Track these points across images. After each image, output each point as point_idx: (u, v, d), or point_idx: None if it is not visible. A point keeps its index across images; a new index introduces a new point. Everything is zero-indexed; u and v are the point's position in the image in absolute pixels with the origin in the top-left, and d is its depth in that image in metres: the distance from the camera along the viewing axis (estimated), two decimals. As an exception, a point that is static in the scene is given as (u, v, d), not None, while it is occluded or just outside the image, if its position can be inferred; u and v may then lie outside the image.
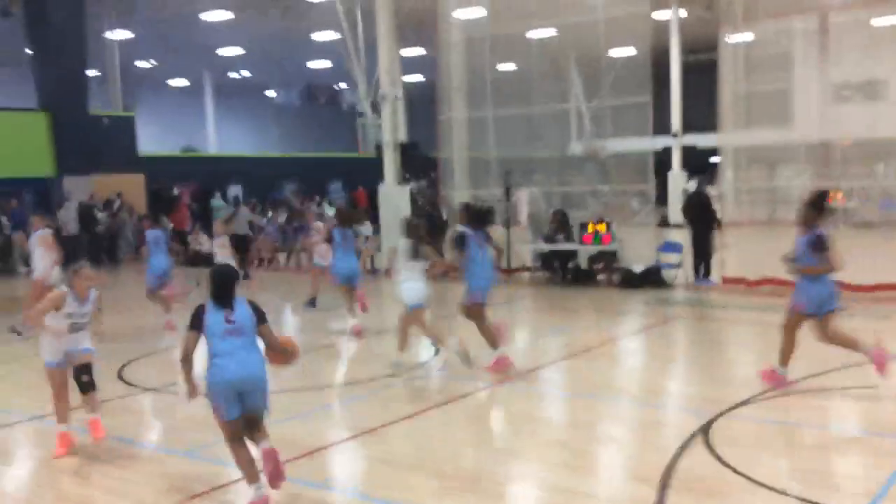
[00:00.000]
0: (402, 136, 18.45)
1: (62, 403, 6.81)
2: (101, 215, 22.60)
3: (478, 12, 17.58)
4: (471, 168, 17.08)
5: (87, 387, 6.79)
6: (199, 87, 40.34)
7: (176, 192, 28.75)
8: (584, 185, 18.35)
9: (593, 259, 15.43)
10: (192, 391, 5.62)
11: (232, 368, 5.34)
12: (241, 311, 5.49)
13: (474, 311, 9.16)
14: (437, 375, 9.17)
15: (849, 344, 7.60)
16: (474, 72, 16.79)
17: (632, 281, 14.74)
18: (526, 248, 16.43)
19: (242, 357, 5.39)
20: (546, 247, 15.73)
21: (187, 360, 5.58)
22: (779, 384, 7.75)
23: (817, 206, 7.53)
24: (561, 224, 15.62)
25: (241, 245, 17.12)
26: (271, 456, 5.33)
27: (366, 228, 18.91)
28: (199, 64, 37.78)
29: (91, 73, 25.52)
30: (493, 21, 17.41)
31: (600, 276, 15.40)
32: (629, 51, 18.98)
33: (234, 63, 37.85)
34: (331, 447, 6.80)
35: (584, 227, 15.31)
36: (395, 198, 17.86)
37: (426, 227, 10.46)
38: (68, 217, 21.77)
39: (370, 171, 26.65)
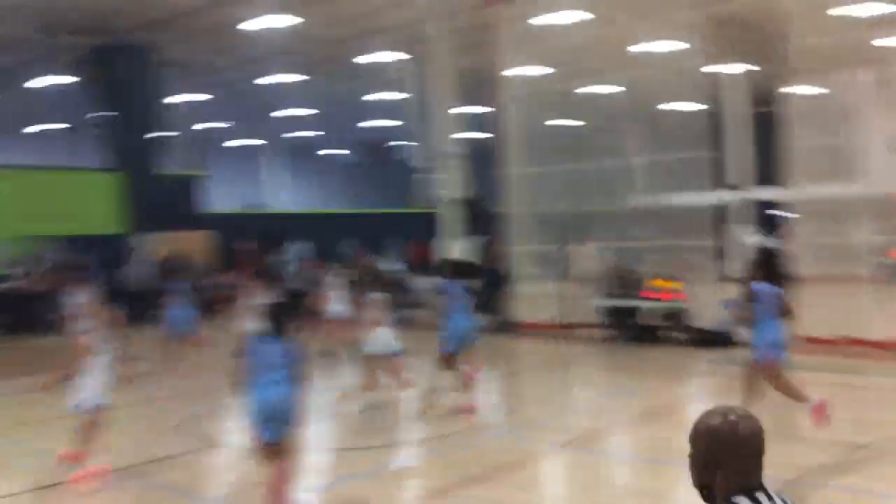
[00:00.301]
0: (462, 191, 18.57)
1: None
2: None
3: (535, 70, 17.79)
4: (530, 223, 17.09)
5: None
6: (262, 146, 41.43)
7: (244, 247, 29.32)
8: (643, 240, 18.18)
9: (666, 316, 15.05)
10: None
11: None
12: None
13: (446, 359, 9.69)
14: (494, 436, 9.04)
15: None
16: (532, 127, 16.92)
17: (701, 339, 14.31)
18: (587, 304, 16.26)
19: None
20: (609, 302, 15.50)
21: None
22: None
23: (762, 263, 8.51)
24: (623, 279, 15.42)
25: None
26: None
27: (424, 282, 19.01)
28: (261, 125, 38.83)
29: (162, 134, 26.37)
30: (550, 78, 17.58)
31: (667, 334, 15.02)
32: (688, 105, 18.94)
33: (292, 124, 38.80)
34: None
35: (645, 282, 15.09)
36: (454, 253, 17.92)
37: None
38: (136, 273, 22.35)
39: (426, 226, 26.92)
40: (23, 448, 9.08)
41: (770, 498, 2.42)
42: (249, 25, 20.28)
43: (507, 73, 17.37)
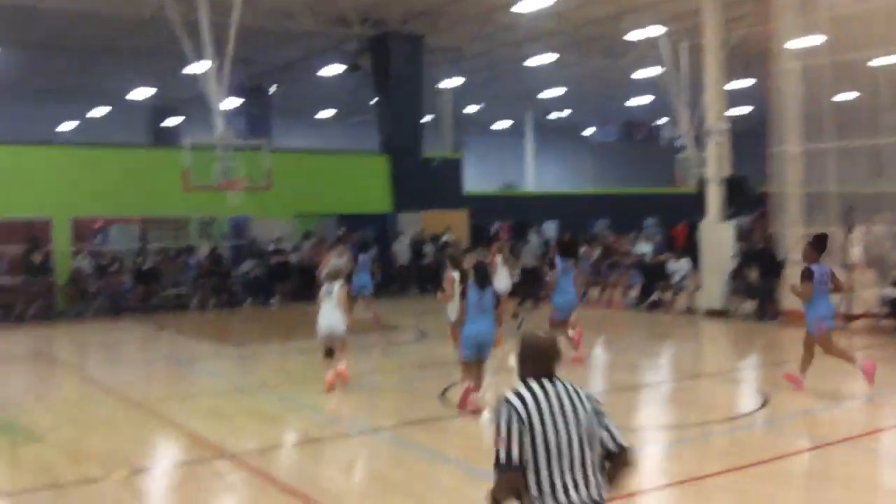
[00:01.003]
0: (727, 170, 17.62)
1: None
2: (428, 248, 24.20)
3: (815, 40, 16.31)
4: (805, 203, 15.75)
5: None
6: (521, 128, 41.97)
7: (495, 228, 30.04)
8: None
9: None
10: None
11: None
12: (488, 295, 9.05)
13: (556, 326, 11.55)
14: (759, 428, 8.48)
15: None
16: (810, 102, 15.49)
17: None
18: (871, 293, 14.75)
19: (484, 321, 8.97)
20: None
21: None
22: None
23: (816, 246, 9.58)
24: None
25: (528, 277, 18.13)
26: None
27: (682, 266, 18.29)
28: (522, 106, 39.37)
29: (426, 118, 27.61)
30: (832, 48, 16.01)
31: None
32: None
33: (554, 104, 38.89)
34: (645, 493, 6.53)
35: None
36: (717, 234, 17.06)
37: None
38: (401, 249, 23.66)
39: (688, 207, 25.80)
40: (292, 403, 9.91)
41: (553, 384, 3.71)
42: (519, 8, 20.55)
43: (782, 43, 16.08)
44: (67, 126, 32.87)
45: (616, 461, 3.70)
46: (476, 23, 25.17)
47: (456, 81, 29.54)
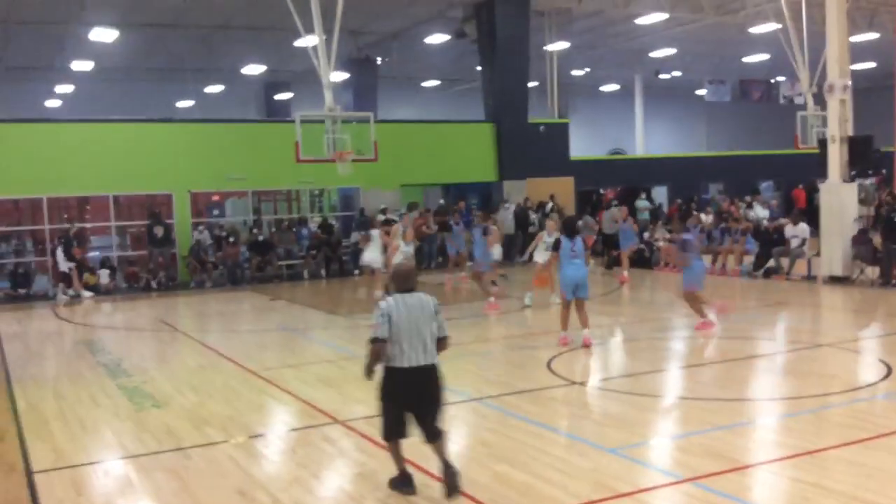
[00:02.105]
0: (849, 129, 16.69)
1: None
2: (533, 216, 24.02)
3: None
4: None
5: None
6: (630, 90, 40.87)
7: (602, 193, 29.54)
8: None
9: None
10: None
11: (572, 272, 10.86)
12: (578, 244, 10.92)
13: (690, 297, 11.98)
14: (881, 400, 8.06)
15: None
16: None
17: None
18: None
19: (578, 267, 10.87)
20: None
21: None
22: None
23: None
24: None
25: (608, 241, 20.57)
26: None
27: (801, 230, 17.51)
28: (630, 68, 38.34)
29: (531, 84, 27.28)
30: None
31: None
32: None
33: (665, 64, 37.69)
34: (762, 465, 6.33)
35: None
36: (840, 196, 16.21)
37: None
38: (506, 217, 23.57)
39: (808, 169, 24.60)
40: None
41: (411, 295, 5.83)
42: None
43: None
44: (186, 103, 34.16)
45: (440, 342, 5.95)
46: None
47: (562, 45, 29.02)
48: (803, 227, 17.59)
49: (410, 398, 5.82)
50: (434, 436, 5.87)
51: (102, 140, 21.19)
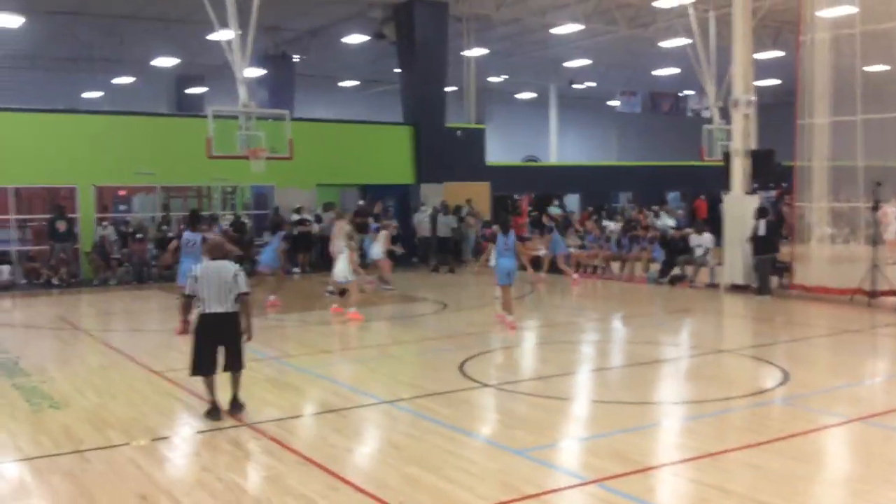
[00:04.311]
0: (753, 142, 17.38)
1: None
2: (447, 220, 24.09)
3: (846, 10, 15.94)
4: (832, 178, 15.50)
5: None
6: (545, 99, 41.58)
7: (517, 199, 29.92)
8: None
9: None
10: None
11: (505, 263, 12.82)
12: (511, 239, 12.97)
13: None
14: (778, 404, 8.42)
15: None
16: (840, 73, 15.18)
17: None
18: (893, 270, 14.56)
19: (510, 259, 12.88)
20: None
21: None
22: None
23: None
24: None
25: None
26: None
27: (705, 240, 18.13)
28: (546, 77, 39.00)
29: (449, 88, 27.40)
30: (863, 18, 15.63)
31: None
32: None
33: (579, 74, 38.49)
34: (665, 467, 6.51)
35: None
36: (742, 207, 16.84)
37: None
38: (423, 220, 23.60)
39: (713, 180, 25.49)
40: (309, 374, 9.97)
41: (217, 262, 8.05)
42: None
43: (812, 13, 15.72)
44: (93, 94, 33.02)
45: (241, 298, 7.89)
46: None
47: (480, 51, 29.28)
48: (707, 237, 18.21)
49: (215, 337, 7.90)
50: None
51: (3, 130, 20.27)
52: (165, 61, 31.20)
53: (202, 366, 7.84)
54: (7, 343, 12.55)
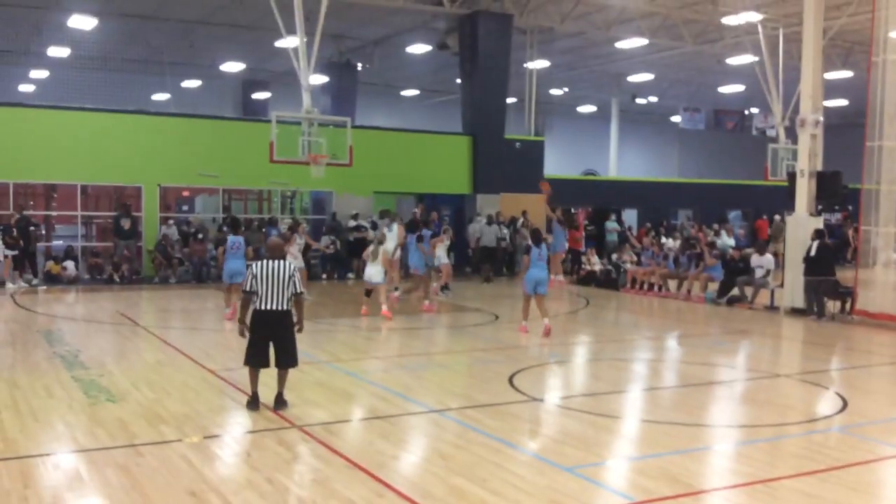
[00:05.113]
0: (819, 164, 16.98)
1: None
2: (504, 231, 24.07)
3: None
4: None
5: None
6: (606, 113, 41.26)
7: (573, 212, 29.69)
8: None
9: None
10: None
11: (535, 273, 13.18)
12: (543, 251, 13.39)
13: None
14: (836, 433, 8.18)
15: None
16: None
17: None
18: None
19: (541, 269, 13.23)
20: None
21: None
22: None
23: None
24: None
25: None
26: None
27: (766, 261, 17.75)
28: (608, 91, 38.71)
29: (509, 100, 27.39)
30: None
31: None
32: None
33: (642, 89, 38.12)
34: (716, 491, 6.38)
35: None
36: (806, 229, 16.41)
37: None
38: (478, 230, 23.61)
39: (776, 200, 24.96)
40: (359, 379, 10.02)
41: (276, 261, 8.30)
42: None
43: (885, 32, 15.32)
44: (161, 97, 33.86)
45: (297, 298, 8.27)
46: (568, 2, 24.81)
47: (543, 63, 29.22)
48: (769, 258, 17.83)
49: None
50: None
51: (74, 128, 20.91)
52: (232, 66, 31.85)
53: (252, 358, 8.25)
54: (68, 336, 12.91)
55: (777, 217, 27.79)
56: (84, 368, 10.27)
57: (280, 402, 8.28)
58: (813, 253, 15.58)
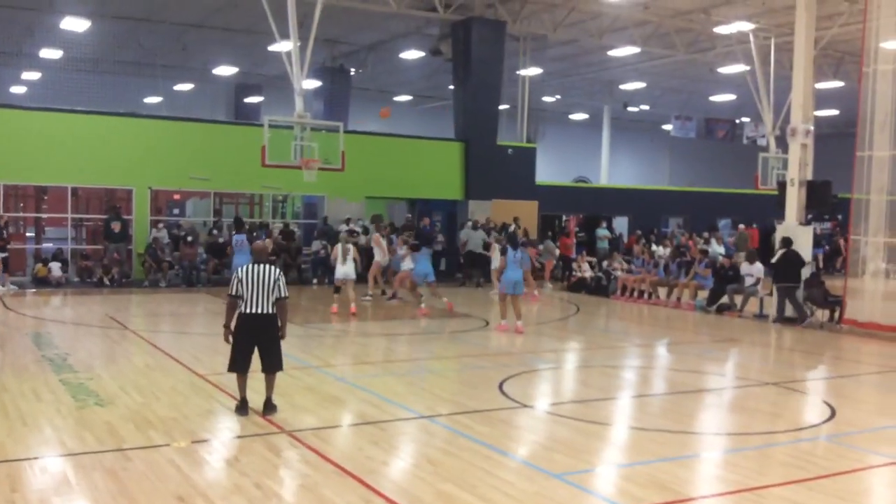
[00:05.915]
0: (809, 173, 17.07)
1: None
2: (495, 236, 24.06)
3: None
4: (890, 212, 15.14)
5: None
6: (598, 120, 41.37)
7: (564, 219, 29.76)
8: None
9: None
10: None
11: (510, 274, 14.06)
12: (519, 254, 14.40)
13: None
14: (824, 441, 8.21)
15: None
16: (900, 105, 14.89)
17: None
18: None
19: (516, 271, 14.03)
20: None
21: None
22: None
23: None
24: None
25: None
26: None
27: (756, 269, 17.81)
28: (600, 98, 38.83)
29: (502, 106, 27.44)
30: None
31: None
32: None
33: (634, 97, 38.26)
34: (703, 499, 6.39)
35: None
36: (796, 238, 16.50)
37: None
38: (467, 236, 23.61)
39: (766, 209, 25.04)
40: (348, 384, 10.01)
41: (262, 264, 8.34)
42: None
43: (876, 42, 15.44)
44: (153, 99, 33.79)
45: (280, 302, 8.23)
46: (561, 10, 24.90)
47: (535, 71, 29.28)
48: (759, 267, 17.90)
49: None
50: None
51: (65, 130, 20.85)
52: (225, 70, 31.82)
53: (237, 363, 8.27)
54: (57, 339, 12.85)
55: (741, 226, 28.17)
56: (72, 372, 10.23)
57: (269, 407, 8.29)
58: (774, 260, 16.18)
